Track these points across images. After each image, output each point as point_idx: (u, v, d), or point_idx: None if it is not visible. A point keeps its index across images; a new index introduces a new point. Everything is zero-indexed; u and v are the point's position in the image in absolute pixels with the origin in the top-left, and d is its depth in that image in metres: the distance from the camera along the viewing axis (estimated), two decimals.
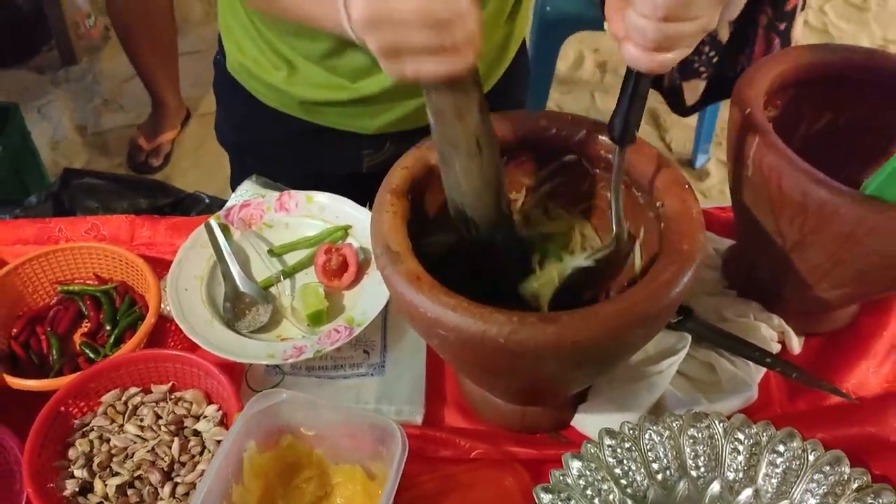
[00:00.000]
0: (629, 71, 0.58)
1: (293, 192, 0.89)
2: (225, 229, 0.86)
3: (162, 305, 0.82)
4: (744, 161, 0.73)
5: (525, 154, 0.74)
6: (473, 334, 0.56)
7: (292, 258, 0.86)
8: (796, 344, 0.82)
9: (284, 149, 1.01)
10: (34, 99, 2.30)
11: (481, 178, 0.62)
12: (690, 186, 0.65)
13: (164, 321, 0.83)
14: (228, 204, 0.90)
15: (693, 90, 1.84)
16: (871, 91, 0.79)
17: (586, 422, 0.76)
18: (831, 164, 0.72)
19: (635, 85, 0.58)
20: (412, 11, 0.50)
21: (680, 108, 1.87)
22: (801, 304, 0.80)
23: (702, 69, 1.77)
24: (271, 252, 0.86)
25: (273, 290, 0.84)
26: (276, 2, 0.73)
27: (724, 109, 2.12)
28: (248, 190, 0.94)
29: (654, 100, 1.75)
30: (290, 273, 0.85)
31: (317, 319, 0.79)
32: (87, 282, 0.86)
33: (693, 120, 2.13)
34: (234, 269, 0.83)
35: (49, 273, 0.85)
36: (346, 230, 0.86)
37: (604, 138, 0.69)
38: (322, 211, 0.88)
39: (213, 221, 0.86)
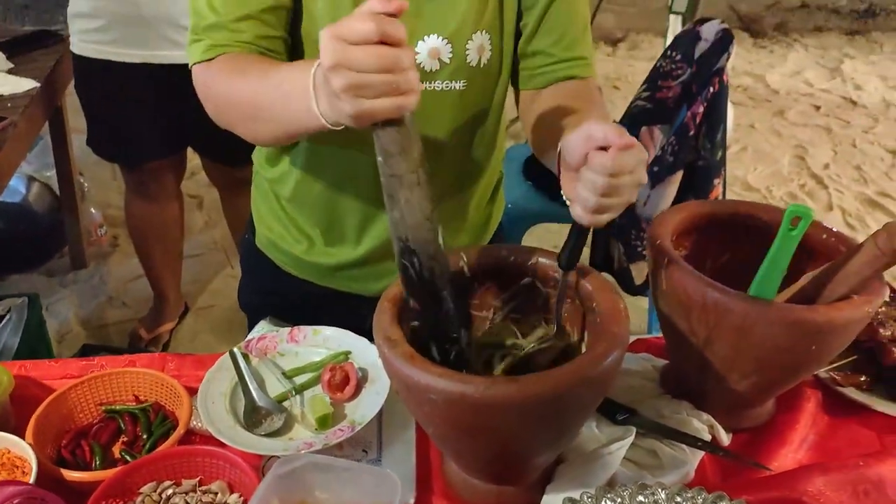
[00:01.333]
0: (575, 223, 0.82)
1: (302, 326, 1.08)
2: (245, 357, 1.03)
3: (190, 421, 0.96)
4: (659, 280, 0.94)
5: (491, 280, 0.95)
6: (456, 394, 0.73)
7: (301, 379, 1.03)
8: (724, 436, 0.98)
9: (299, 308, 1.21)
10: (43, 298, 2.50)
11: (421, 211, 0.76)
12: (619, 291, 0.86)
13: (191, 434, 0.97)
14: (248, 337, 1.08)
15: (640, 272, 2.10)
16: (754, 233, 1.03)
17: (552, 501, 0.89)
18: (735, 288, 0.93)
19: (579, 233, 0.83)
20: (366, 57, 0.67)
21: (630, 289, 2.12)
22: (723, 399, 0.97)
23: (644, 252, 2.05)
24: (284, 374, 1.03)
25: (286, 403, 0.99)
26: (258, 120, 0.90)
27: None
28: (264, 327, 1.13)
29: None
30: (300, 390, 1.01)
31: (323, 422, 0.94)
32: (127, 403, 1.01)
33: (645, 301, 2.37)
34: (253, 387, 0.99)
35: (94, 395, 1.00)
36: (346, 354, 1.03)
37: (552, 263, 0.90)
38: (326, 341, 1.06)
39: (236, 350, 1.03)
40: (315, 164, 1.08)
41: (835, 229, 0.97)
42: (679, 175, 1.99)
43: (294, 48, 1.00)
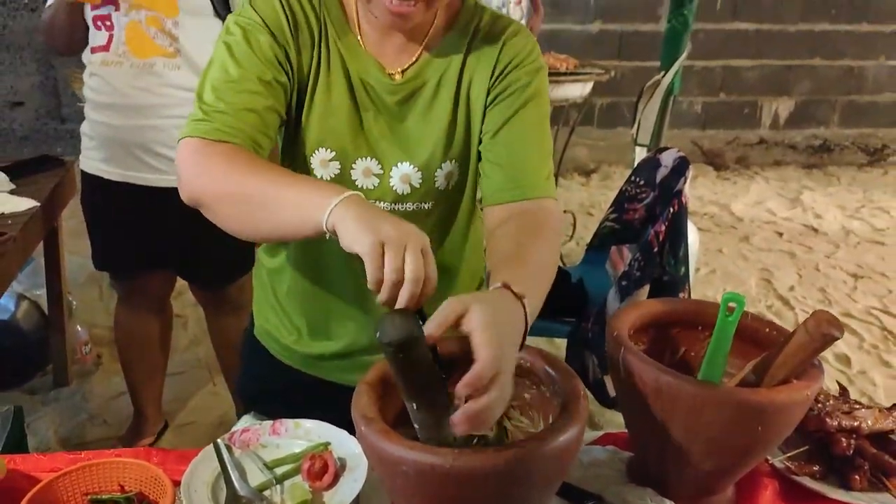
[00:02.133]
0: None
1: (284, 420, 1.13)
2: (229, 448, 1.08)
3: None
4: (617, 369, 1.02)
5: (465, 367, 1.02)
6: (426, 465, 0.79)
7: (282, 469, 1.07)
8: None
9: (291, 397, 1.28)
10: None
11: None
12: (578, 377, 0.93)
13: None
14: (233, 429, 1.13)
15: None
16: (705, 328, 1.12)
17: None
18: None
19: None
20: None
21: (606, 401, 2.17)
22: (683, 485, 1.02)
23: None
24: (266, 465, 1.07)
25: (266, 492, 1.03)
26: (252, 208, 0.96)
27: None
28: (247, 420, 1.18)
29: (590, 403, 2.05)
30: (280, 480, 1.05)
31: None
32: (113, 492, 1.04)
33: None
34: (235, 477, 1.03)
35: (81, 485, 1.03)
36: (326, 445, 1.08)
37: (521, 354, 0.98)
38: (307, 433, 1.11)
39: (220, 441, 1.08)
40: (306, 262, 1.18)
41: (775, 322, 1.07)
42: (646, 289, 2.10)
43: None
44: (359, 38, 1.12)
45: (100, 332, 2.94)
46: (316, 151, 1.11)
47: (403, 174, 1.13)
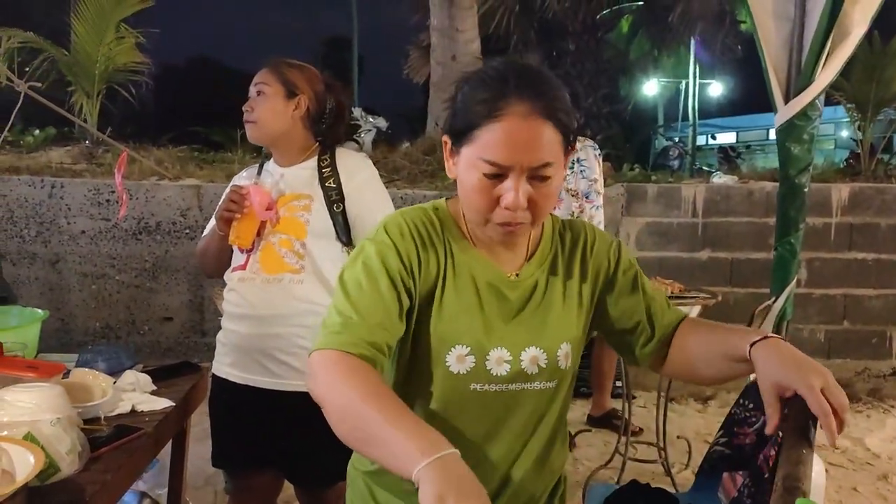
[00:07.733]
0: None
1: None
2: None
3: None
4: None
5: None
6: None
7: None
8: None
9: None
10: None
11: None
12: None
13: None
14: None
15: None
16: None
17: None
18: None
19: None
20: None
21: None
22: None
23: None
24: None
25: None
26: (360, 443, 1.04)
27: None
28: None
29: None
30: None
31: None
32: None
33: None
34: None
35: None
36: None
37: None
38: None
39: None
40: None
41: None
42: None
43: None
44: (477, 250, 1.30)
45: None
46: (452, 349, 1.24)
47: (532, 357, 1.26)
